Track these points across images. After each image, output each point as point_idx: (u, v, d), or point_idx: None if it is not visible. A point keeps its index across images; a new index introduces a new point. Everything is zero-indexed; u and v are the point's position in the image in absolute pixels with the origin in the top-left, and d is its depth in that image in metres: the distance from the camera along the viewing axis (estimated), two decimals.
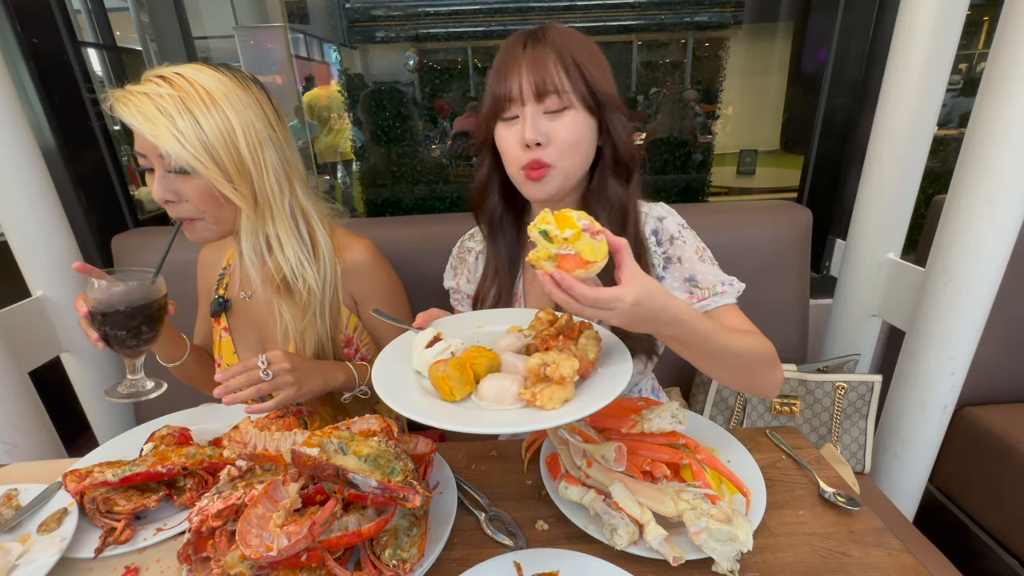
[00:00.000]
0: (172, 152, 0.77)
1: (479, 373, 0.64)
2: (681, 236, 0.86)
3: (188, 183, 0.82)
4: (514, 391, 0.61)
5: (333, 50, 1.90)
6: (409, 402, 0.60)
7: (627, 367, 0.64)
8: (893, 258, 1.38)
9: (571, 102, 0.78)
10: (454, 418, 0.57)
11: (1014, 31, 0.95)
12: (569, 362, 0.59)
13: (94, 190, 1.55)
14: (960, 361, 1.16)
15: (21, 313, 1.28)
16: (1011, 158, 0.99)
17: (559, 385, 0.59)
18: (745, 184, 2.14)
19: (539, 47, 0.78)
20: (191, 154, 0.78)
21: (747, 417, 1.29)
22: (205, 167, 0.79)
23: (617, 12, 1.83)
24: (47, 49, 1.41)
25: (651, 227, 0.88)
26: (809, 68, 1.69)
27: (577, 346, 0.65)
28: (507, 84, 0.79)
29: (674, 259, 0.85)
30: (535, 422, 0.57)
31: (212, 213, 0.85)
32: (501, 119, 0.82)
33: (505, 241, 0.95)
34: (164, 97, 0.77)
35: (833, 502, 0.72)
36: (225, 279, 1.05)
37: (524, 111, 0.79)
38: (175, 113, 0.77)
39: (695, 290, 0.83)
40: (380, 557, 0.60)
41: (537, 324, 0.73)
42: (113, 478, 0.71)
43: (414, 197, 1.88)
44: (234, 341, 1.02)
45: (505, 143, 0.82)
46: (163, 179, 0.81)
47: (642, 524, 0.62)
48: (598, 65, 0.80)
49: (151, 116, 0.76)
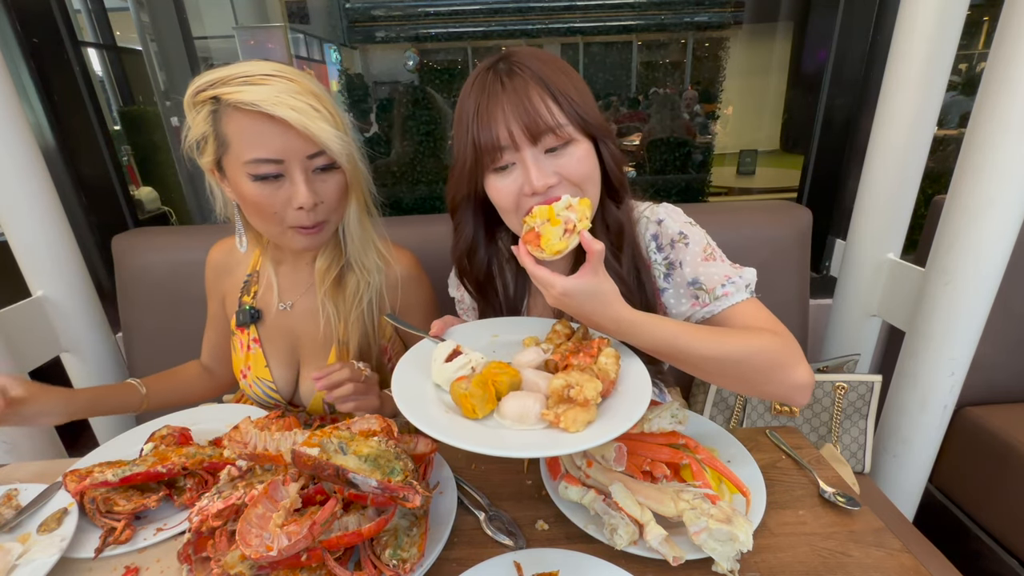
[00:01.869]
0: (334, 146, 0.76)
1: (500, 391, 0.64)
2: (684, 238, 0.80)
3: (329, 182, 0.81)
4: (536, 411, 0.61)
5: (333, 50, 1.90)
6: (431, 419, 0.59)
7: (646, 387, 0.63)
8: (893, 258, 1.38)
9: (570, 135, 0.71)
10: (479, 440, 0.56)
11: (1014, 31, 0.95)
12: (593, 384, 0.59)
13: (94, 190, 1.56)
14: (960, 361, 1.16)
15: (21, 313, 1.28)
16: (1011, 158, 0.99)
17: (583, 407, 0.58)
18: (745, 184, 2.14)
19: (517, 81, 0.69)
20: (344, 148, 0.78)
21: (747, 417, 1.29)
22: (349, 159, 0.80)
23: (617, 12, 1.83)
24: (47, 49, 1.42)
25: (651, 232, 0.83)
26: (809, 68, 1.69)
27: (598, 366, 0.65)
28: (493, 131, 0.69)
29: (676, 264, 0.80)
30: (559, 446, 0.57)
31: (339, 212, 0.85)
32: (492, 170, 0.73)
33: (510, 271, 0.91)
34: (303, 93, 0.76)
35: (833, 502, 0.72)
36: (253, 287, 1.00)
37: (521, 156, 0.70)
38: (320, 108, 0.76)
39: (700, 293, 0.78)
40: (380, 557, 0.60)
41: (554, 337, 0.73)
42: (113, 478, 0.71)
43: (414, 197, 1.89)
44: (265, 353, 0.98)
45: (501, 194, 0.73)
46: (310, 181, 0.79)
47: (642, 524, 0.62)
48: (580, 89, 0.73)
49: (306, 112, 0.74)
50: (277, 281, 0.97)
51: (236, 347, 1.01)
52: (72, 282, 1.37)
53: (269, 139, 0.75)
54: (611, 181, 0.78)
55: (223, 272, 1.04)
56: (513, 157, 0.71)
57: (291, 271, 0.97)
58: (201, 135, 0.79)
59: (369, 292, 0.93)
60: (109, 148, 1.56)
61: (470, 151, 0.72)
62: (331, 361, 0.96)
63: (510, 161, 0.72)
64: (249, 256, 1.02)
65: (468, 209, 0.82)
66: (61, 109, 1.45)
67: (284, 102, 0.73)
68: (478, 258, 0.86)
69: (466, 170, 0.74)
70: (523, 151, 0.70)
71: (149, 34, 1.70)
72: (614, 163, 0.77)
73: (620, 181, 0.79)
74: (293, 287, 0.97)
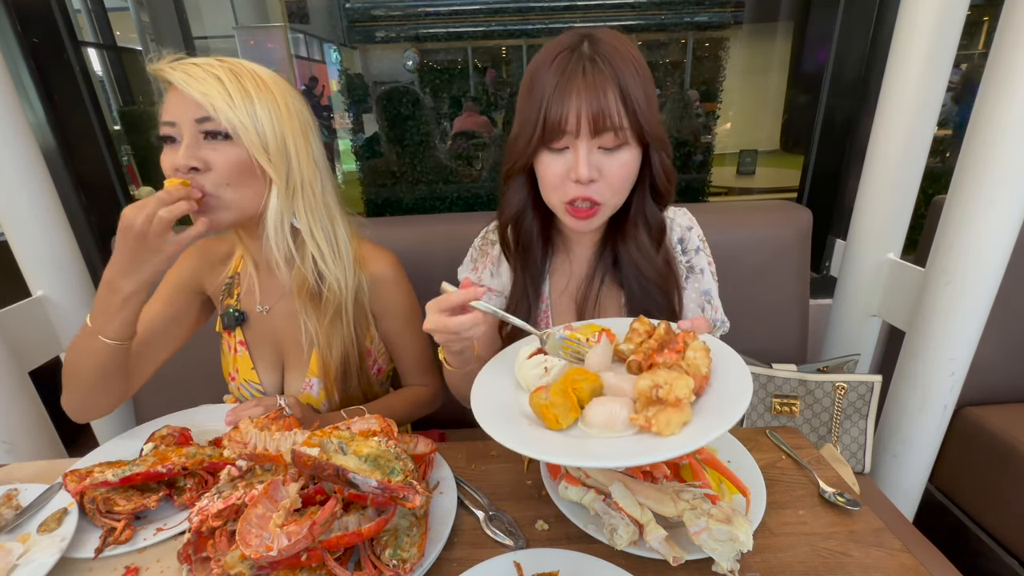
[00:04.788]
0: (219, 110, 0.76)
1: (582, 398, 0.60)
2: (701, 250, 0.93)
3: (220, 151, 0.79)
4: (624, 416, 0.56)
5: (333, 50, 1.90)
6: (514, 434, 0.56)
7: (746, 379, 0.58)
8: (893, 258, 1.38)
9: (626, 139, 0.75)
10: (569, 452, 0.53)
11: (1014, 31, 0.95)
12: (683, 380, 0.54)
13: (94, 190, 1.55)
14: (960, 361, 1.16)
15: (21, 313, 1.28)
16: (1011, 158, 0.99)
17: (675, 408, 0.53)
18: (745, 184, 2.14)
19: (598, 73, 0.72)
20: (237, 116, 0.77)
21: (747, 417, 1.29)
22: (247, 132, 0.79)
23: (617, 12, 1.83)
24: (47, 49, 1.41)
25: (677, 235, 0.93)
26: (809, 68, 1.69)
27: (686, 361, 0.60)
28: (563, 112, 0.72)
29: (696, 270, 0.93)
30: (656, 451, 0.51)
31: (235, 189, 0.81)
32: (548, 148, 0.77)
33: (533, 252, 0.93)
34: (216, 67, 0.78)
35: (833, 502, 0.72)
36: (235, 289, 1.00)
37: (577, 144, 0.74)
38: (227, 80, 0.78)
39: (707, 308, 0.92)
40: (380, 557, 0.60)
41: (634, 336, 0.69)
42: (113, 478, 0.71)
43: (415, 197, 1.89)
44: (252, 356, 0.99)
45: (549, 172, 0.78)
46: (193, 145, 0.78)
47: (642, 524, 0.62)
48: (649, 94, 0.76)
49: (200, 77, 0.76)
50: (257, 284, 0.97)
51: (224, 350, 1.02)
52: (72, 282, 1.37)
53: (170, 103, 0.79)
54: (657, 187, 0.83)
55: (206, 266, 1.01)
56: (570, 143, 0.75)
57: (266, 275, 0.97)
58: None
59: (345, 303, 0.93)
60: (109, 148, 1.56)
61: (540, 124, 0.75)
62: (312, 365, 0.96)
63: (566, 145, 0.76)
64: (230, 258, 1.02)
65: (523, 175, 0.85)
66: (61, 109, 1.45)
67: (181, 68, 0.77)
68: (525, 226, 0.89)
69: (531, 141, 0.77)
70: (581, 139, 0.74)
71: (149, 34, 1.70)
72: (663, 172, 0.81)
73: (665, 189, 0.83)
74: (270, 291, 0.97)
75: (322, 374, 0.96)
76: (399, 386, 1.11)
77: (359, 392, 1.00)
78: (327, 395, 0.98)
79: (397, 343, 1.04)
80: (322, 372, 0.96)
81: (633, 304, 0.89)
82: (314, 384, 0.97)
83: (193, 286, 1.00)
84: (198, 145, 0.78)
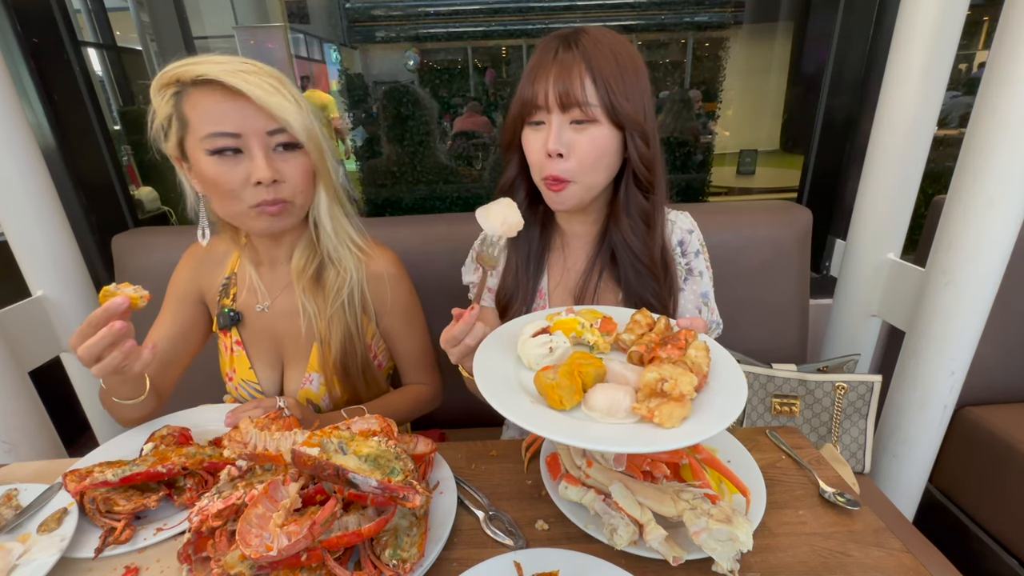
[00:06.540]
0: (294, 123, 0.77)
1: (586, 382, 0.62)
2: (700, 254, 0.95)
3: (291, 161, 0.81)
4: (627, 404, 0.58)
5: (333, 50, 1.90)
6: (516, 407, 0.58)
7: (741, 382, 0.61)
8: (893, 258, 1.38)
9: (596, 116, 0.78)
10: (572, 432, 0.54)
11: (1014, 31, 0.95)
12: (688, 377, 0.57)
13: (94, 190, 1.55)
14: (960, 361, 1.16)
15: (21, 313, 1.28)
16: (1011, 158, 0.99)
17: (678, 402, 0.56)
18: (745, 184, 2.14)
19: (569, 55, 0.77)
20: (305, 128, 0.78)
21: (747, 417, 1.29)
22: (313, 142, 0.80)
23: (617, 12, 1.83)
24: (47, 49, 1.41)
25: (678, 237, 0.94)
26: (809, 68, 1.69)
27: (689, 359, 0.62)
28: (534, 89, 0.79)
29: (695, 272, 0.95)
30: (657, 441, 0.53)
31: (304, 195, 0.84)
32: (528, 123, 0.83)
33: (528, 238, 0.95)
34: (267, 75, 0.78)
35: (833, 502, 0.72)
36: (232, 289, 1.00)
37: (550, 119, 0.79)
38: (283, 89, 0.78)
39: (704, 310, 0.94)
40: (380, 557, 0.60)
41: (635, 327, 0.71)
42: (113, 478, 0.71)
43: (415, 197, 1.89)
44: (249, 355, 0.99)
45: (530, 147, 0.83)
46: (270, 157, 0.79)
47: (642, 524, 0.62)
48: (628, 80, 0.78)
49: (267, 89, 0.75)
50: (256, 283, 0.97)
51: (221, 350, 1.02)
52: (72, 282, 1.37)
53: (226, 113, 0.76)
54: (638, 172, 0.84)
55: (203, 270, 1.02)
56: (544, 117, 0.80)
57: (268, 271, 0.97)
58: (165, 117, 0.80)
59: (348, 287, 0.93)
60: (109, 148, 1.56)
61: (517, 102, 0.83)
62: (311, 359, 0.96)
63: (542, 119, 0.81)
64: (227, 259, 1.02)
65: (514, 153, 0.90)
66: (61, 109, 1.45)
67: (241, 76, 0.75)
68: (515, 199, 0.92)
69: (512, 117, 0.85)
70: (553, 114, 0.79)
71: (149, 34, 1.71)
72: (638, 157, 0.83)
73: (646, 176, 0.85)
74: (271, 287, 0.97)
75: (322, 368, 0.96)
76: (399, 385, 1.11)
77: (362, 383, 1.00)
78: (327, 389, 0.98)
79: (397, 340, 1.04)
80: (322, 366, 0.96)
81: (631, 300, 0.90)
82: (314, 379, 0.97)
83: (194, 294, 1.02)
84: (271, 156, 0.79)
